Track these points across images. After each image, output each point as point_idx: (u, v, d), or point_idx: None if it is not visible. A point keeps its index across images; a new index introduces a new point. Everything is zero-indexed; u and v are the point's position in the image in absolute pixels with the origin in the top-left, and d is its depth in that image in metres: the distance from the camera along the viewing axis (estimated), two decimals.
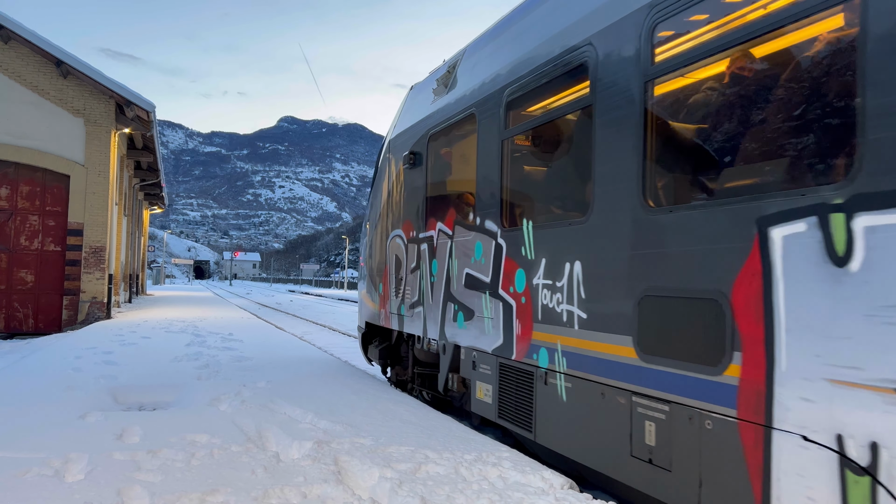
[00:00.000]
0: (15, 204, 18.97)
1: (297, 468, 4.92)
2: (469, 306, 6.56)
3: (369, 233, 10.29)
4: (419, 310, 7.82)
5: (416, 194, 8.02)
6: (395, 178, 8.92)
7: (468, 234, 6.60)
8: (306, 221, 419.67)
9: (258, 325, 19.49)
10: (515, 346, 5.70)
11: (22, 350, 13.90)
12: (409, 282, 8.18)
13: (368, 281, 10.18)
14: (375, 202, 9.98)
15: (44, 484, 4.42)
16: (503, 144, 6.04)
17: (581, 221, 4.90)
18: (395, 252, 8.74)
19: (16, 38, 18.52)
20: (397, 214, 8.73)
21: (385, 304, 9.12)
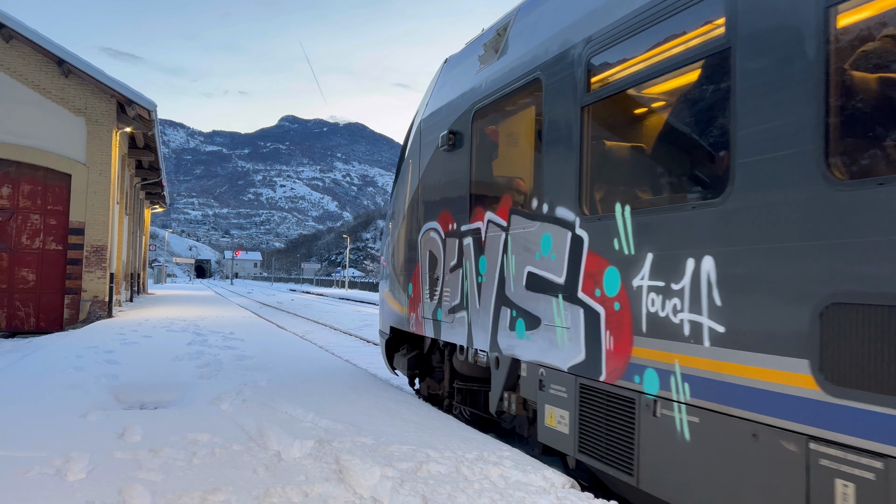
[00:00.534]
0: (16, 203, 18.98)
1: (298, 467, 4.92)
2: (532, 312, 5.48)
3: (394, 227, 9.22)
4: (461, 315, 6.77)
5: (457, 180, 6.97)
6: (427, 164, 7.86)
7: (530, 225, 5.54)
8: (307, 221, 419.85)
9: (259, 324, 19.50)
10: (605, 365, 4.59)
11: (23, 349, 13.91)
12: (447, 282, 7.13)
13: (393, 280, 9.10)
14: (402, 192, 8.85)
15: (45, 483, 4.43)
16: (584, 113, 4.93)
17: (713, 203, 3.75)
18: (429, 248, 7.64)
19: (17, 37, 18.53)
20: (432, 205, 7.65)
21: (416, 307, 8.03)
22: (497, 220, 6.14)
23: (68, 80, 19.23)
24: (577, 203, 4.97)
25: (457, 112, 7.15)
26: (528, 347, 5.57)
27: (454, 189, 7.06)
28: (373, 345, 18.30)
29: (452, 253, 7.03)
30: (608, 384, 4.58)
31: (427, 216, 7.78)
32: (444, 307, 7.22)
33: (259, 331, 16.70)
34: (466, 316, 6.68)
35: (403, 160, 8.97)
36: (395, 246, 9.11)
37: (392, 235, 9.29)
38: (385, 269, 9.76)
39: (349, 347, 17.38)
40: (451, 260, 7.06)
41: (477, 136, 6.73)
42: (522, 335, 5.65)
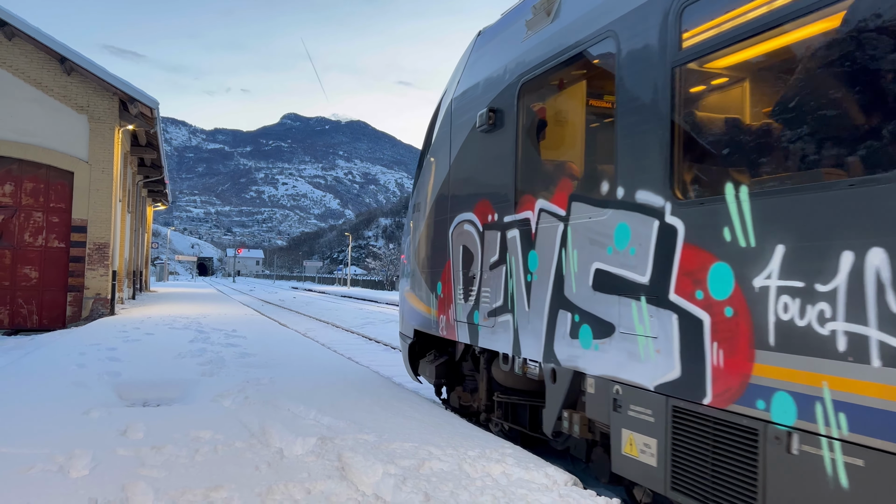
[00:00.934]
0: (19, 201, 19.00)
1: (300, 464, 4.92)
2: (603, 318, 4.64)
3: (418, 221, 8.37)
4: (505, 319, 5.93)
5: (499, 165, 6.11)
6: (460, 149, 7.03)
7: (599, 214, 4.71)
8: (309, 218, 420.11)
9: (261, 321, 19.52)
10: (712, 385, 3.71)
11: (26, 346, 13.94)
12: (486, 281, 6.30)
13: (417, 279, 8.24)
14: (428, 183, 8.00)
15: (48, 479, 4.44)
16: (676, 75, 4.09)
17: (880, 181, 2.96)
18: (463, 242, 6.83)
19: (20, 34, 18.54)
20: (466, 194, 6.82)
21: (446, 309, 7.18)
22: (552, 209, 5.29)
23: (71, 78, 19.25)
24: (666, 185, 4.09)
25: (497, 87, 6.29)
26: (597, 360, 4.69)
27: (495, 175, 6.21)
28: (374, 342, 18.31)
29: (493, 247, 6.19)
30: (716, 409, 3.70)
31: (460, 207, 6.94)
32: (482, 309, 6.38)
33: (261, 328, 16.72)
34: (512, 320, 5.83)
35: (429, 147, 8.13)
36: (419, 241, 8.25)
37: (416, 230, 8.45)
38: (406, 267, 8.91)
39: (351, 345, 17.39)
40: (492, 256, 6.21)
41: (524, 113, 5.86)
42: (588, 345, 4.78)
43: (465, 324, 6.76)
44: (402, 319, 8.96)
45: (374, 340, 18.78)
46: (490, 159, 6.35)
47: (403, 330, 8.90)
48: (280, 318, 25.75)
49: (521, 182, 5.82)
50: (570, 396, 5.18)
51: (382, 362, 14.00)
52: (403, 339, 8.90)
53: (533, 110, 5.90)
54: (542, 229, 5.44)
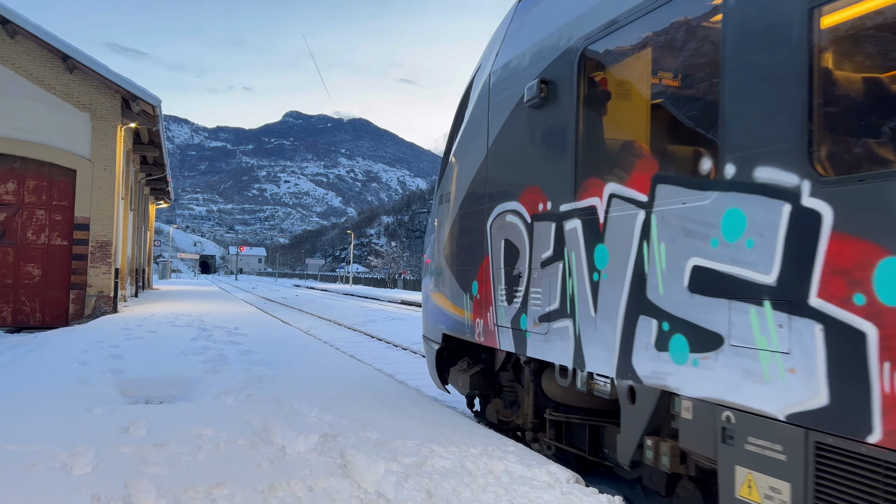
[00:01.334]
0: (21, 198, 19.03)
1: (303, 462, 4.93)
2: (705, 326, 3.77)
3: (445, 214, 7.58)
4: (563, 325, 5.09)
5: (553, 145, 5.27)
6: (501, 130, 6.19)
7: (700, 197, 3.84)
8: (311, 216, 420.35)
9: (264, 319, 19.54)
10: (882, 418, 2.90)
11: (29, 344, 13.97)
12: (537, 280, 5.46)
13: (445, 278, 7.46)
14: (457, 172, 7.23)
15: (51, 477, 4.44)
16: (814, 16, 3.26)
17: None
18: (505, 236, 6.01)
19: (22, 32, 18.55)
20: (508, 181, 6.01)
21: (484, 312, 6.38)
22: (628, 194, 4.45)
23: (73, 76, 19.26)
24: (802, 158, 3.26)
25: (551, 55, 5.41)
26: (696, 378, 3.83)
27: (547, 157, 5.36)
28: (377, 340, 18.32)
29: (545, 241, 5.36)
30: (890, 450, 2.86)
31: (501, 196, 6.12)
32: (531, 313, 5.50)
33: (263, 326, 16.74)
34: (572, 326, 4.98)
35: (458, 132, 7.35)
36: (448, 236, 7.42)
37: (443, 224, 7.64)
38: (431, 265, 8.14)
39: (353, 343, 17.40)
40: (544, 251, 5.37)
41: (585, 83, 5.02)
42: (683, 359, 3.94)
43: (508, 329, 5.91)
44: (427, 322, 8.15)
45: (376, 338, 18.79)
46: (541, 139, 5.47)
47: (429, 334, 8.05)
48: (282, 315, 25.78)
49: (583, 164, 4.94)
50: (654, 421, 4.31)
51: (384, 360, 14.01)
52: (428, 343, 8.06)
53: (596, 79, 5.04)
54: (613, 219, 4.58)
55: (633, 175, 4.50)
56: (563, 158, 5.16)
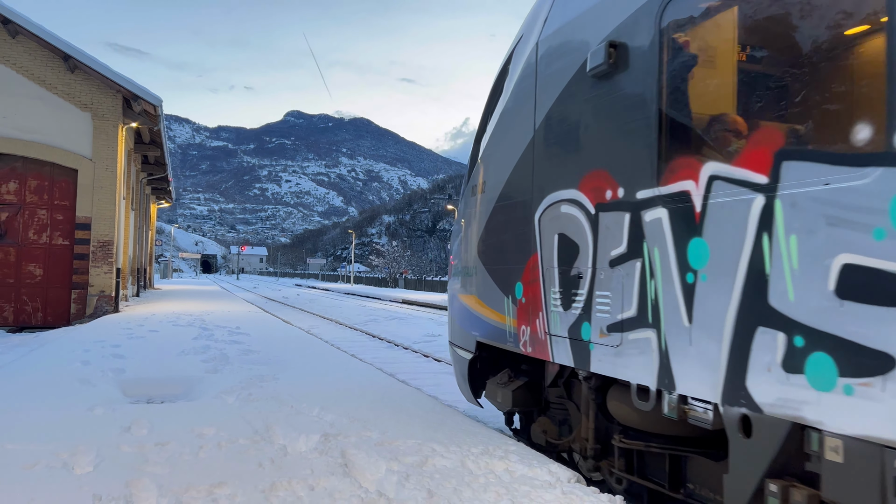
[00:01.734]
0: (23, 198, 19.06)
1: (304, 461, 4.93)
2: (864, 343, 2.96)
3: (477, 206, 6.72)
4: (643, 336, 4.21)
5: (628, 119, 4.43)
6: (554, 105, 5.31)
7: (852, 177, 3.04)
8: (312, 216, 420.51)
9: (265, 318, 19.55)
10: None
11: (30, 343, 13.99)
12: (604, 282, 4.61)
13: (480, 279, 6.55)
14: (494, 157, 6.37)
15: (52, 476, 4.45)
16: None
17: None
18: (560, 230, 5.14)
19: (23, 32, 18.57)
20: (565, 164, 5.13)
21: (531, 318, 5.50)
22: (738, 175, 3.61)
23: (74, 76, 19.28)
24: None
25: (622, 13, 4.62)
26: (852, 409, 3.00)
27: (618, 134, 4.54)
28: (378, 339, 18.32)
29: (615, 235, 4.51)
30: None
31: (553, 184, 5.25)
32: (597, 321, 4.67)
33: (265, 325, 16.74)
34: (656, 338, 4.10)
35: (492, 113, 6.56)
36: (482, 233, 6.54)
37: (475, 219, 6.79)
38: (458, 264, 7.31)
39: (354, 342, 17.41)
40: (613, 247, 4.53)
41: (669, 43, 4.19)
42: (829, 384, 3.09)
43: (564, 339, 5.04)
44: (455, 328, 7.28)
45: (377, 337, 18.79)
46: (609, 113, 4.64)
47: (458, 341, 7.16)
48: (284, 315, 25.79)
49: (669, 141, 4.11)
50: (779, 460, 3.45)
51: (385, 359, 14.02)
52: (457, 351, 7.23)
53: (684, 38, 4.18)
54: (716, 206, 3.73)
55: (746, 151, 3.63)
56: (640, 135, 4.29)
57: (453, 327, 7.44)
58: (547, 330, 5.28)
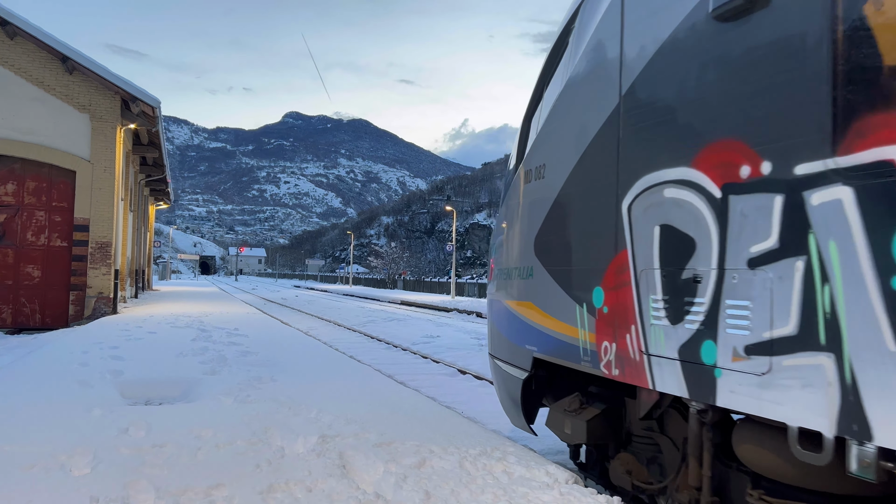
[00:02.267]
0: (21, 199, 19.04)
1: (302, 462, 4.93)
2: None
3: (529, 196, 5.60)
4: (809, 361, 3.11)
5: (780, 71, 3.37)
6: (652, 60, 4.20)
7: None
8: (311, 217, 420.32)
9: (263, 320, 19.54)
10: None
11: (29, 345, 13.98)
12: (739, 287, 3.53)
13: (537, 281, 5.36)
14: (556, 135, 5.22)
15: (50, 477, 4.45)
16: None
17: None
18: (665, 220, 4.00)
19: (21, 33, 18.56)
20: (672, 137, 4.00)
21: (618, 332, 4.35)
22: None
23: (72, 77, 19.27)
24: None
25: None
26: None
27: (762, 91, 3.46)
28: (376, 341, 18.32)
29: (757, 225, 3.42)
30: None
31: (651, 161, 4.10)
32: (726, 339, 3.55)
33: (263, 327, 16.74)
34: (835, 365, 2.99)
35: (552, 76, 5.47)
36: (540, 227, 5.36)
37: (526, 211, 5.64)
38: (503, 265, 6.14)
39: (353, 343, 17.41)
40: (755, 241, 3.44)
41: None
42: None
43: (671, 362, 3.86)
44: (500, 340, 6.09)
45: (375, 339, 18.79)
46: (745, 64, 3.57)
47: (504, 355, 5.96)
48: (282, 316, 25.78)
49: (852, 94, 3.00)
50: None
51: (384, 360, 14.02)
52: (503, 368, 5.98)
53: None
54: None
55: None
56: (801, 90, 3.25)
57: (496, 339, 6.16)
58: (643, 348, 4.09)
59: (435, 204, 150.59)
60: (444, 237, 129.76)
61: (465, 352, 15.34)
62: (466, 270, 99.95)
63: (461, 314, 32.41)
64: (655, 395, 4.33)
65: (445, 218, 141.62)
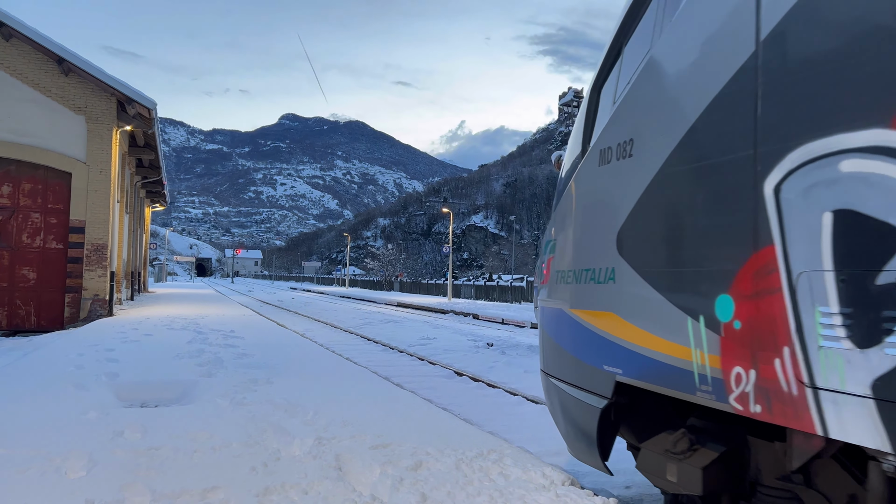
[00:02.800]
0: (17, 201, 18.99)
1: (298, 465, 4.92)
2: None
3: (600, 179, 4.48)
4: None
5: None
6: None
7: None
8: (308, 219, 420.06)
9: (260, 322, 19.51)
10: None
11: (24, 347, 13.93)
12: None
13: (617, 286, 4.21)
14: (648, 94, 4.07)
15: (45, 480, 4.43)
16: None
17: None
18: (842, 204, 2.82)
19: (17, 35, 18.53)
20: (852, 91, 2.77)
21: (759, 355, 3.15)
22: None
23: (68, 79, 19.23)
24: None
25: None
26: None
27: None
28: (373, 343, 18.30)
29: None
30: None
31: (815, 126, 2.98)
32: None
33: (259, 329, 16.72)
34: None
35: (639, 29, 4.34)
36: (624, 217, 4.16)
37: (602, 198, 4.44)
38: (563, 266, 4.85)
39: (349, 345, 17.39)
40: None
41: None
42: None
43: (862, 400, 2.69)
44: (562, 356, 4.77)
45: (372, 341, 18.78)
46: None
47: (570, 377, 4.64)
48: (278, 318, 25.75)
49: None
50: None
51: (380, 363, 14.00)
52: (568, 392, 4.66)
53: None
54: None
55: None
56: None
57: (555, 354, 4.90)
58: (806, 379, 2.97)
59: (431, 206, 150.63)
60: (441, 239, 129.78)
61: (462, 354, 15.34)
62: (463, 272, 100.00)
63: (458, 316, 32.42)
64: (818, 442, 3.15)
65: (442, 220, 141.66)
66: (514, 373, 12.20)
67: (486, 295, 52.34)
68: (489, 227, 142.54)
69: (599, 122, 4.63)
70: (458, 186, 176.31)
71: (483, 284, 56.50)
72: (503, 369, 12.73)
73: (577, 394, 4.59)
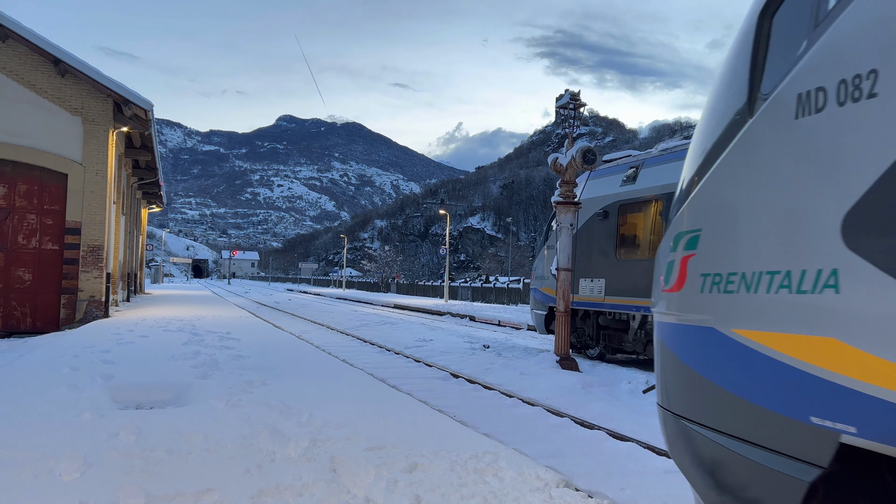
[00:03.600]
0: (13, 203, 18.95)
1: (292, 467, 4.92)
2: None
3: (763, 146, 2.84)
4: None
5: None
6: None
7: None
8: (305, 220, 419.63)
9: (256, 323, 19.50)
10: None
11: (19, 349, 13.90)
12: None
13: (826, 297, 2.44)
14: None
15: (39, 483, 4.43)
16: None
17: None
18: None
19: (13, 36, 18.50)
20: None
21: None
22: None
23: (65, 80, 19.21)
24: None
25: None
26: None
27: None
28: (369, 344, 18.29)
29: None
30: None
31: None
32: None
33: (256, 331, 16.70)
34: None
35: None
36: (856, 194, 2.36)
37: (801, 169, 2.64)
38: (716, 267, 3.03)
39: (345, 347, 17.38)
40: None
41: None
42: None
43: None
44: (708, 391, 3.02)
45: (368, 342, 18.76)
46: None
47: (723, 424, 2.94)
48: (275, 320, 25.72)
49: None
50: None
51: (377, 364, 13.99)
52: (730, 448, 2.88)
53: None
54: None
55: None
56: None
57: (696, 388, 3.13)
58: None
59: (429, 207, 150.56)
60: (438, 241, 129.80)
61: (458, 356, 15.33)
62: (460, 274, 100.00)
63: (454, 318, 32.42)
64: None
65: (439, 221, 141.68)
66: (511, 375, 12.21)
67: (483, 297, 52.34)
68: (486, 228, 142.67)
69: (777, 58, 3.09)
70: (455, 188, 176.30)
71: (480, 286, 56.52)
72: (499, 371, 12.73)
73: (756, 455, 2.87)
